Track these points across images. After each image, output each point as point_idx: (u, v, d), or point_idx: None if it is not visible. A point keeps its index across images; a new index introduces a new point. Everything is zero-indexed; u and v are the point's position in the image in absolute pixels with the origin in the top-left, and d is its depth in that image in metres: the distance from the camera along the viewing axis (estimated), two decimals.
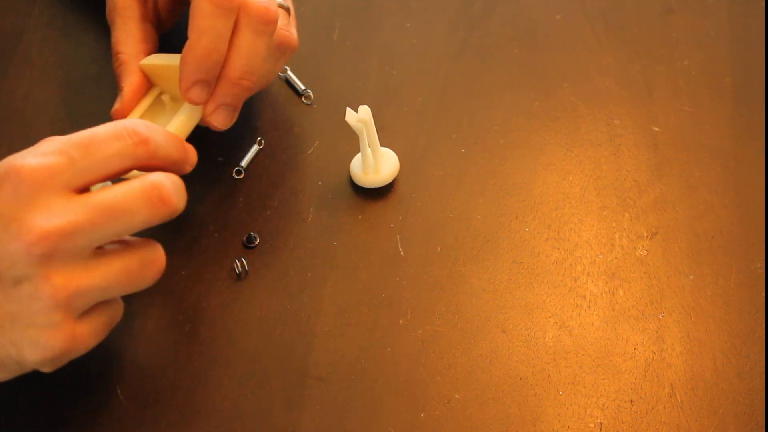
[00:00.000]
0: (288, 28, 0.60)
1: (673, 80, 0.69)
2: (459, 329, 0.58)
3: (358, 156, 0.63)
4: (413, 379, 0.56)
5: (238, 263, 0.59)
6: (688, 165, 0.65)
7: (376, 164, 0.62)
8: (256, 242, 0.61)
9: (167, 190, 0.48)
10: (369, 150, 0.62)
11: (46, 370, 0.48)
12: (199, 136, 0.66)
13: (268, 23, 0.55)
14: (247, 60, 0.56)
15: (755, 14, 0.72)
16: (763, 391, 0.56)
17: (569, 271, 0.60)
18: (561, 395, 0.56)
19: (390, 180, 0.63)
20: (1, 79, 0.67)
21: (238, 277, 0.59)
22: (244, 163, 0.64)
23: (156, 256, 0.50)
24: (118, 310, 0.51)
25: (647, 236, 0.62)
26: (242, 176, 0.64)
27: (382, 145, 0.63)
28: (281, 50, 0.59)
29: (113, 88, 0.67)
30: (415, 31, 0.71)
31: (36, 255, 0.45)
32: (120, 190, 0.47)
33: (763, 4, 0.72)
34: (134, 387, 0.55)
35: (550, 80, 0.69)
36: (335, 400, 0.56)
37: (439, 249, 0.61)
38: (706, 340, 0.58)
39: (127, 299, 0.58)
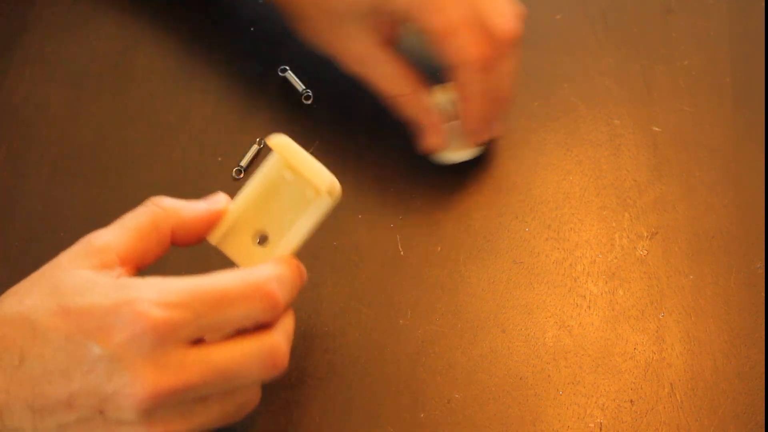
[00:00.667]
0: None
1: (673, 80, 0.69)
2: (459, 329, 0.58)
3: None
4: (413, 379, 0.56)
5: None
6: (688, 165, 0.65)
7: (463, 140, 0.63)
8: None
9: (283, 354, 0.48)
10: (455, 124, 0.62)
11: None
12: (199, 135, 0.66)
13: (517, 42, 0.59)
14: (512, 78, 0.60)
15: (755, 14, 0.72)
16: (763, 391, 0.56)
17: (569, 271, 0.60)
18: (561, 395, 0.56)
19: (476, 155, 0.63)
20: (1, 78, 0.67)
21: None
22: (243, 163, 0.64)
23: (253, 398, 0.50)
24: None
25: (647, 236, 0.62)
26: (242, 176, 0.64)
27: (381, 146, 0.63)
28: None
29: (113, 87, 0.67)
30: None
31: (144, 410, 0.45)
32: (237, 351, 0.47)
33: (763, 4, 0.72)
34: None
35: (550, 80, 0.69)
36: (335, 400, 0.56)
37: (439, 249, 0.61)
38: (706, 340, 0.58)
39: None
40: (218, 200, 0.52)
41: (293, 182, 0.52)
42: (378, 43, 0.61)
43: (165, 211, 0.50)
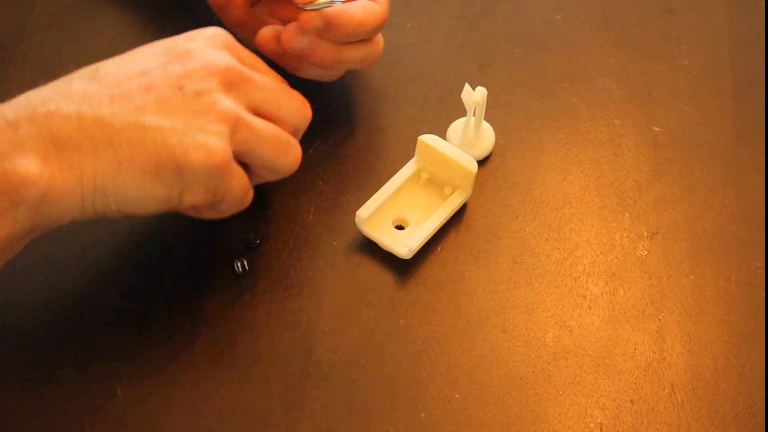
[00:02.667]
0: None
1: (673, 80, 0.69)
2: (459, 329, 0.58)
3: (453, 128, 0.65)
4: (413, 379, 0.56)
5: (238, 263, 0.59)
6: (688, 165, 0.65)
7: (477, 140, 0.64)
8: (256, 242, 0.61)
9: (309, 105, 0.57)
10: (472, 125, 0.63)
11: (195, 204, 0.52)
12: None
13: None
14: None
15: (755, 14, 0.72)
16: (763, 391, 0.56)
17: (569, 271, 0.60)
18: (561, 395, 0.56)
19: (487, 153, 0.65)
20: (2, 78, 0.67)
21: (238, 277, 0.59)
22: None
23: (297, 146, 0.55)
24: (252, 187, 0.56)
25: (647, 236, 0.62)
26: None
27: (381, 146, 0.63)
28: None
29: None
30: (415, 31, 0.71)
31: (220, 77, 0.51)
32: (279, 82, 0.55)
33: (763, 4, 0.72)
34: (134, 387, 0.55)
35: (550, 80, 0.69)
36: (335, 400, 0.56)
37: (439, 249, 0.61)
38: (706, 340, 0.58)
39: (128, 300, 0.58)
40: None
41: (430, 182, 0.62)
42: None
43: None
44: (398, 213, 0.61)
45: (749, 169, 0.65)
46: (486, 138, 0.65)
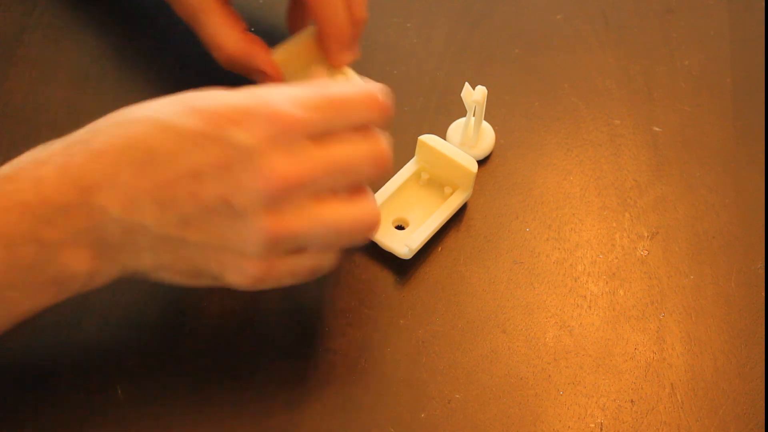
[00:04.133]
0: None
1: (673, 80, 0.69)
2: (459, 329, 0.58)
3: (453, 128, 0.65)
4: (413, 379, 0.56)
5: None
6: (688, 165, 0.65)
7: (477, 140, 0.64)
8: None
9: (389, 156, 0.52)
10: (472, 125, 0.63)
11: (240, 289, 0.52)
12: None
13: None
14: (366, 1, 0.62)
15: (755, 14, 0.72)
16: (763, 391, 0.56)
17: (570, 271, 0.60)
18: (561, 395, 0.56)
19: (487, 153, 0.65)
20: (2, 78, 0.67)
21: None
22: None
23: (369, 216, 0.52)
24: (328, 261, 0.53)
25: (648, 236, 0.62)
26: None
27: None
28: None
29: (114, 87, 0.67)
30: (415, 31, 0.71)
31: (270, 194, 0.48)
32: (352, 149, 0.50)
33: (763, 4, 0.72)
34: (134, 386, 0.55)
35: (550, 80, 0.69)
36: (335, 400, 0.56)
37: (439, 249, 0.61)
38: (707, 340, 0.58)
39: (127, 300, 0.58)
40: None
41: (430, 182, 0.62)
42: None
43: None
44: (398, 213, 0.61)
45: (749, 169, 0.65)
46: (486, 138, 0.65)
